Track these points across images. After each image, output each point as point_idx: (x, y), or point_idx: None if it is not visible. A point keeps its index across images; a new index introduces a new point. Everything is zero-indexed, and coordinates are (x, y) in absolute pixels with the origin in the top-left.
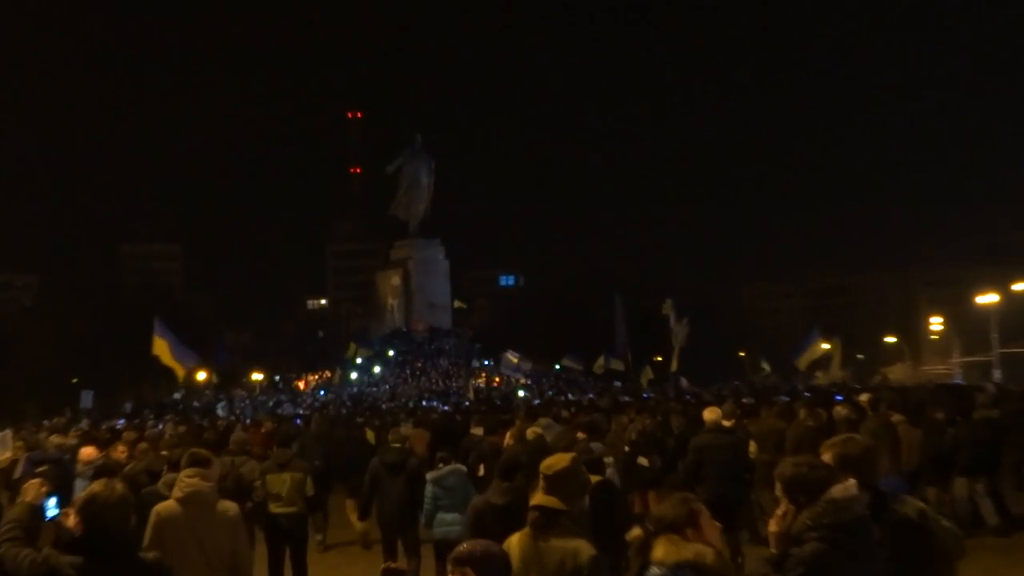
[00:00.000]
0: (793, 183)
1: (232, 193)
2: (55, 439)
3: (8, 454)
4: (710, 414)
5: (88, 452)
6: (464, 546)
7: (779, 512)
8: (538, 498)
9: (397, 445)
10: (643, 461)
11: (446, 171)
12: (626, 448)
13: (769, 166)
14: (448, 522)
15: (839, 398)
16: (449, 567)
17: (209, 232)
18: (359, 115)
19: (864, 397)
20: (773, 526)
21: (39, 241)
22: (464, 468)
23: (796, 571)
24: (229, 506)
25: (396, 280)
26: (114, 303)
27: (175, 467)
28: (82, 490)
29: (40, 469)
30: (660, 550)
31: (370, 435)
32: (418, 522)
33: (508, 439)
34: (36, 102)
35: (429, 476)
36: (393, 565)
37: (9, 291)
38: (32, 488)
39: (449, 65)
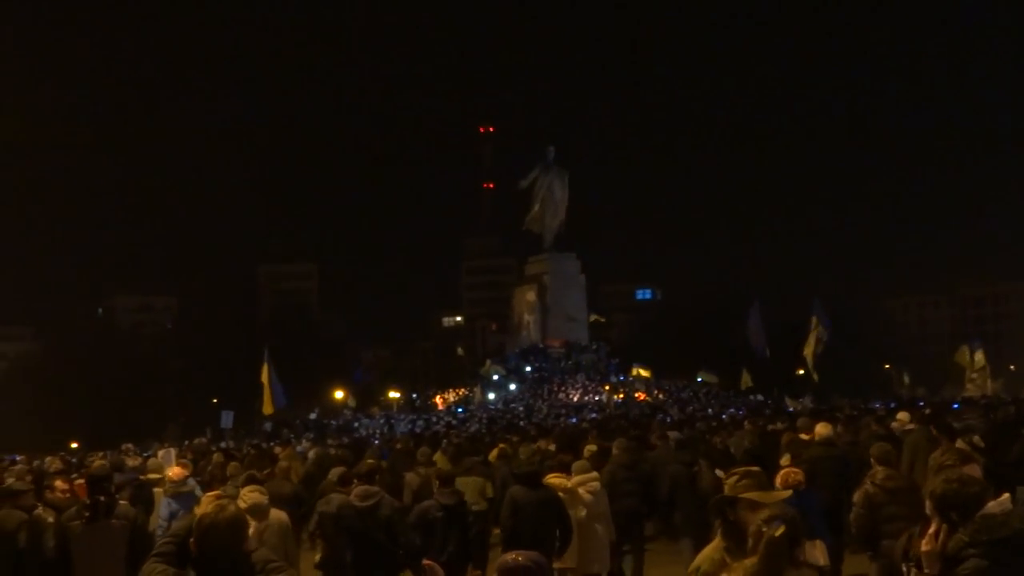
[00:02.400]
0: (938, 189)
1: (365, 211)
2: (131, 460)
3: (179, 470)
4: (822, 428)
5: (176, 471)
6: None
7: (931, 531)
8: None
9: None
10: (720, 474)
11: (580, 184)
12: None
13: (913, 172)
14: None
15: None
16: None
17: (344, 251)
18: (491, 130)
19: (903, 415)
20: (925, 545)
21: (178, 264)
22: None
23: None
24: (280, 515)
25: (531, 295)
26: (252, 323)
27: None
28: (165, 507)
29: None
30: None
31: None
32: None
33: (586, 453)
34: (173, 127)
35: None
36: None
37: (150, 314)
38: (205, 502)
39: (581, 77)
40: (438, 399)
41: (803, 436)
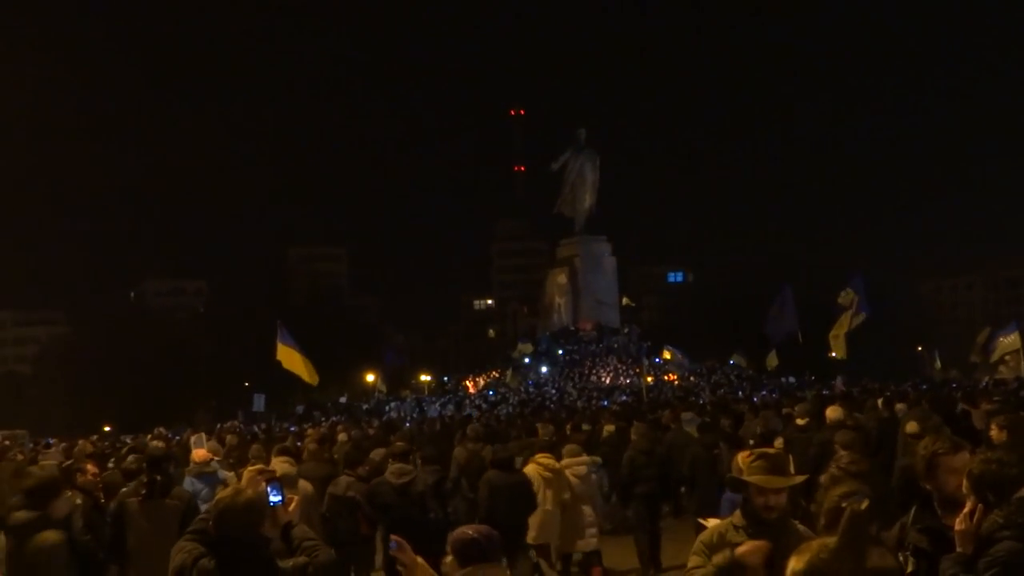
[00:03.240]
0: (972, 170)
1: (396, 194)
2: (158, 443)
3: (203, 452)
4: (833, 412)
5: (200, 454)
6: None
7: (966, 510)
8: None
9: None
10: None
11: (612, 167)
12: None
13: (947, 152)
14: None
15: None
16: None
17: (375, 234)
18: (522, 112)
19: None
20: (960, 524)
21: (209, 247)
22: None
23: (991, 571)
24: (306, 485)
25: (563, 278)
26: (282, 306)
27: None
28: (188, 487)
29: None
30: None
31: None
32: None
33: (604, 434)
34: (203, 110)
35: None
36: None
37: (181, 297)
38: (247, 476)
39: (612, 59)
40: (469, 382)
41: (799, 421)
